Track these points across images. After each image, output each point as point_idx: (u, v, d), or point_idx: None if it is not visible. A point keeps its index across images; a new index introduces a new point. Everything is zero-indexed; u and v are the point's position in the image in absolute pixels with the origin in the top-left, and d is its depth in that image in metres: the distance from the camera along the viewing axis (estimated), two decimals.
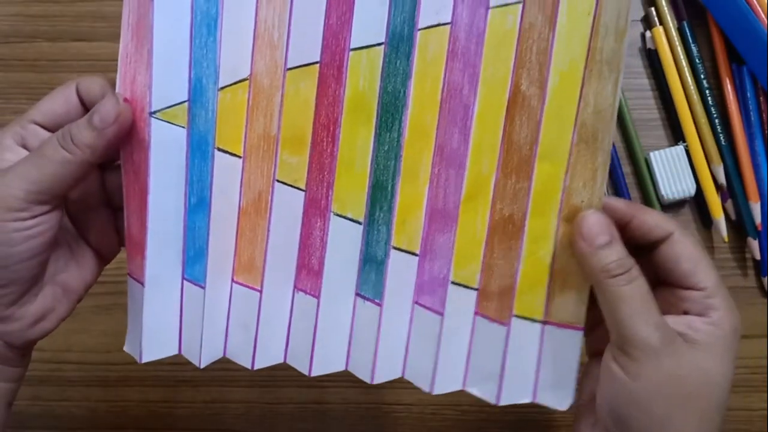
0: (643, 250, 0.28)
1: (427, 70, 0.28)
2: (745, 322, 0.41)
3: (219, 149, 0.29)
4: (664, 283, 0.28)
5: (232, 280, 0.31)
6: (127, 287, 0.30)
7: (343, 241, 0.30)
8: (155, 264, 0.29)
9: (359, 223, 0.30)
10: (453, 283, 0.30)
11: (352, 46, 0.28)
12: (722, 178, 0.42)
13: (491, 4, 0.28)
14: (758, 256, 0.41)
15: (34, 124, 0.29)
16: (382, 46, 0.28)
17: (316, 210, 0.30)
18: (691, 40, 0.43)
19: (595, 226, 0.27)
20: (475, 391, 0.30)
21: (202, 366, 0.30)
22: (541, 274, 0.29)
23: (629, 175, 0.43)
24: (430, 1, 0.28)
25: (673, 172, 0.42)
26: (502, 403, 0.30)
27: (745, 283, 0.42)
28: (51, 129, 0.29)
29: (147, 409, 0.41)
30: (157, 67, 0.27)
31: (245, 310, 0.31)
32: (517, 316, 0.29)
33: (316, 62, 0.29)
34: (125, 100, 0.28)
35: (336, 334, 0.31)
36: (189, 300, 0.30)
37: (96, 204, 0.31)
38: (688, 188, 0.42)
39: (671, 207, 0.43)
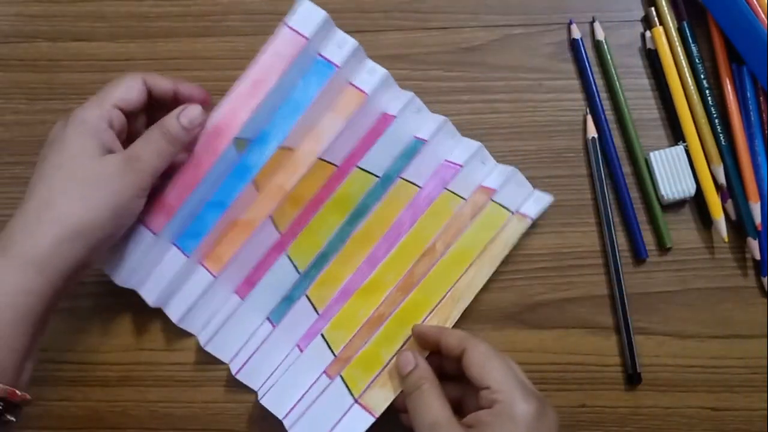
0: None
1: (390, 203, 0.41)
2: (745, 322, 0.41)
3: (253, 179, 0.39)
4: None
5: (201, 262, 0.40)
6: (135, 230, 0.38)
7: (280, 276, 0.41)
8: (171, 225, 0.38)
9: (299, 272, 0.41)
10: (322, 335, 0.40)
11: (359, 165, 0.41)
12: (722, 178, 0.42)
13: (447, 187, 0.41)
14: (758, 256, 0.41)
15: (115, 107, 0.35)
16: (377, 178, 0.41)
17: (279, 247, 0.41)
18: (691, 40, 0.43)
19: (406, 360, 0.37)
20: (286, 422, 0.39)
21: (152, 304, 0.39)
22: (375, 364, 0.39)
23: (629, 176, 0.43)
24: (415, 168, 0.41)
25: (673, 172, 0.42)
26: None
27: (745, 283, 0.42)
28: (126, 112, 0.36)
29: (147, 409, 0.41)
30: (255, 115, 0.38)
31: (197, 286, 0.40)
32: (342, 378, 0.39)
33: (336, 165, 0.41)
34: (216, 125, 0.38)
35: (238, 333, 0.40)
36: (168, 260, 0.39)
37: None
38: (688, 188, 0.42)
39: (671, 207, 0.43)
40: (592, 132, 0.43)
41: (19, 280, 0.31)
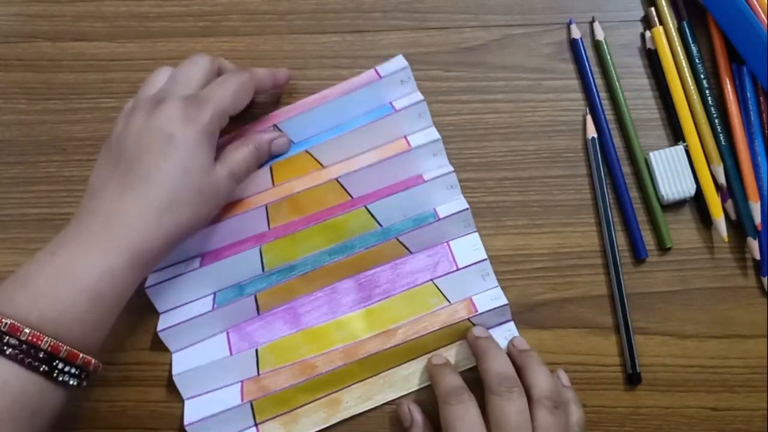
0: None
1: (375, 253, 0.40)
2: (745, 322, 0.41)
3: (270, 168, 0.41)
4: None
5: None
6: None
7: (245, 264, 0.41)
8: None
9: (263, 270, 0.41)
10: (256, 350, 0.40)
11: (367, 206, 0.41)
12: (722, 178, 0.42)
13: (435, 280, 0.40)
14: (758, 256, 0.41)
15: (227, 118, 0.38)
16: (378, 227, 0.41)
17: (259, 239, 0.41)
18: (691, 40, 0.43)
19: (403, 414, 0.39)
20: (187, 404, 0.40)
21: None
22: (288, 404, 0.40)
23: (629, 175, 0.43)
24: (415, 237, 0.40)
25: (673, 172, 0.42)
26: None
27: (745, 283, 0.42)
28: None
29: (147, 409, 0.41)
30: (305, 115, 0.42)
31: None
32: (252, 405, 0.39)
33: (351, 196, 0.41)
34: (272, 114, 0.43)
35: (181, 293, 0.41)
36: None
37: None
38: (688, 188, 0.42)
39: (671, 207, 0.43)
40: (591, 132, 0.43)
41: (126, 273, 0.34)
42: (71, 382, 0.33)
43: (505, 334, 0.40)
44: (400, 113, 0.41)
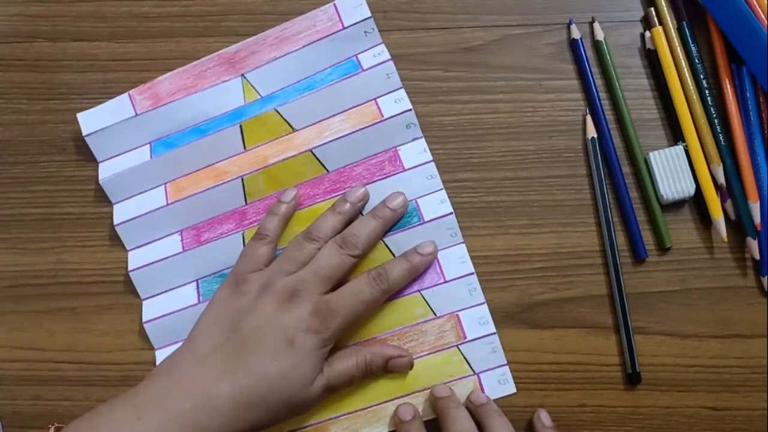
0: None
1: (364, 261, 0.40)
2: (745, 322, 0.41)
3: (241, 126, 0.41)
4: None
5: (165, 184, 0.42)
6: (121, 100, 0.43)
7: (228, 250, 0.41)
8: (153, 116, 0.42)
9: None
10: None
11: (346, 199, 0.40)
12: (722, 178, 0.42)
13: (420, 287, 0.40)
14: (757, 256, 0.41)
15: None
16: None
17: (240, 218, 0.41)
18: (690, 40, 0.43)
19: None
20: None
21: (101, 179, 0.42)
22: None
23: (629, 176, 0.43)
24: (400, 242, 0.40)
25: (672, 172, 0.42)
26: None
27: (745, 283, 0.42)
28: None
29: None
30: (271, 67, 0.42)
31: (150, 202, 0.42)
32: None
33: (327, 169, 0.41)
34: (233, 54, 0.43)
35: (165, 279, 0.41)
36: (137, 154, 0.42)
37: None
38: (687, 188, 0.42)
39: (671, 207, 0.43)
40: (591, 132, 0.43)
41: None
42: None
43: (498, 378, 0.40)
44: (368, 72, 0.41)
